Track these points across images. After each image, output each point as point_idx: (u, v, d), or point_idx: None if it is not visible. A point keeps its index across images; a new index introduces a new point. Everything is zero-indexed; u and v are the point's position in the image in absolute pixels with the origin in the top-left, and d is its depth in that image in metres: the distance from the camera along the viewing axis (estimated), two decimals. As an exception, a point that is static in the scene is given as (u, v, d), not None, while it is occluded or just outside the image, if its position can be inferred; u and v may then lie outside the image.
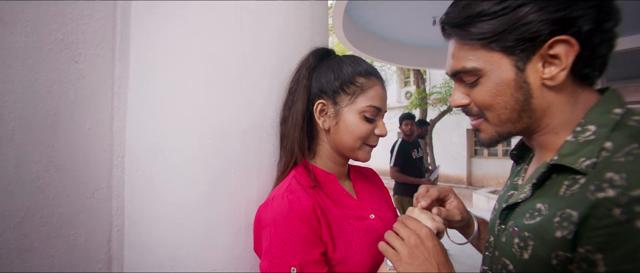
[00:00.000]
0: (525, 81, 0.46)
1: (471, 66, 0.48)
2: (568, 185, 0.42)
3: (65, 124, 0.61)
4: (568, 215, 0.40)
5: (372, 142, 0.69)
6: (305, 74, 0.70)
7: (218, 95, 0.70)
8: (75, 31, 0.62)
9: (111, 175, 0.70)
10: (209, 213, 0.69)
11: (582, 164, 0.41)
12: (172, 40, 0.70)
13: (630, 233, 0.34)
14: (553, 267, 0.41)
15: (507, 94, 0.47)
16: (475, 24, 0.46)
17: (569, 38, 0.42)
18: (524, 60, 0.45)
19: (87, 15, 0.64)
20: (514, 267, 0.46)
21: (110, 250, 0.70)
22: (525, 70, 0.45)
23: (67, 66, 0.62)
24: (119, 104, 0.71)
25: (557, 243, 0.40)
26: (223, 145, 0.70)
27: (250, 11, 0.72)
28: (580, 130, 0.45)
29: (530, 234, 0.44)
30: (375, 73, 0.70)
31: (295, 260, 0.56)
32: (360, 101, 0.67)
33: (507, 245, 0.48)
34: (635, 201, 0.34)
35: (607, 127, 0.42)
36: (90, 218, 0.66)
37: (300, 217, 0.59)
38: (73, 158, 0.63)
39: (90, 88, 0.66)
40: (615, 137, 0.41)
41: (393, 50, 4.99)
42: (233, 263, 0.70)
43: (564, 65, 0.43)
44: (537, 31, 0.43)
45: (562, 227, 0.40)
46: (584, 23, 0.42)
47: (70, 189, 0.62)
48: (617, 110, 0.43)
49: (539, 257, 0.42)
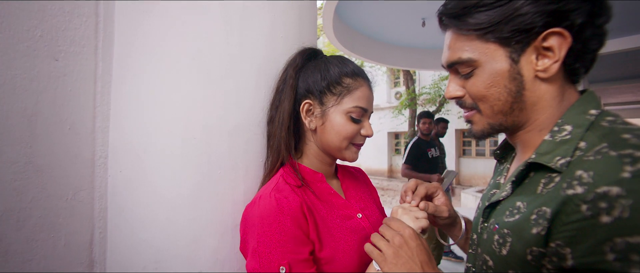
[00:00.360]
0: (519, 73, 0.47)
1: (467, 57, 0.49)
2: (545, 183, 0.44)
3: (44, 123, 0.59)
4: (543, 212, 0.41)
5: (359, 141, 0.70)
6: (292, 73, 0.70)
7: (204, 94, 0.69)
8: (55, 28, 0.60)
9: (93, 176, 0.68)
10: (195, 214, 0.68)
11: (557, 163, 0.43)
12: (156, 39, 0.69)
13: (595, 228, 0.35)
14: (528, 262, 0.42)
15: (501, 84, 0.48)
16: (472, 14, 0.47)
17: (562, 30, 0.43)
18: (518, 51, 0.46)
19: (67, 11, 0.62)
20: (493, 263, 0.48)
21: (92, 253, 0.68)
22: (519, 62, 0.46)
23: (47, 64, 0.60)
24: (102, 103, 0.70)
25: (533, 239, 0.41)
26: (209, 145, 0.69)
27: (237, 11, 0.72)
28: (557, 129, 0.46)
29: (508, 231, 0.45)
30: (361, 74, 0.70)
31: (284, 259, 0.56)
32: (347, 101, 0.67)
33: (488, 242, 0.50)
34: (600, 197, 0.35)
35: (582, 127, 0.44)
36: (71, 220, 0.64)
37: (288, 216, 0.59)
38: (53, 159, 0.61)
39: (71, 86, 0.64)
40: (588, 137, 0.43)
41: (383, 50, 5.02)
42: (219, 265, 0.70)
43: (557, 57, 0.44)
44: (531, 23, 0.43)
45: (537, 223, 0.41)
46: (577, 16, 0.43)
47: (49, 191, 0.60)
48: (593, 111, 0.45)
49: (515, 252, 0.44)
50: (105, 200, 0.71)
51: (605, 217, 0.35)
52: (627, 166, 0.36)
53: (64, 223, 0.62)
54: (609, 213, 0.34)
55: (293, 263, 0.56)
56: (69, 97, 0.64)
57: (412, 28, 4.28)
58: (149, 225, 0.68)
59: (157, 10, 0.69)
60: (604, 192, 0.35)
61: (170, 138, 0.68)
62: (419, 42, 4.91)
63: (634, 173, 0.35)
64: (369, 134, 0.69)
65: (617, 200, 0.34)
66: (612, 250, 0.34)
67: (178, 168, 0.68)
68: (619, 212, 0.34)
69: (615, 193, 0.35)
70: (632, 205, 0.33)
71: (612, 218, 0.34)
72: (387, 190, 9.97)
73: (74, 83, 0.64)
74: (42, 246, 0.59)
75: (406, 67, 5.60)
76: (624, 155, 0.37)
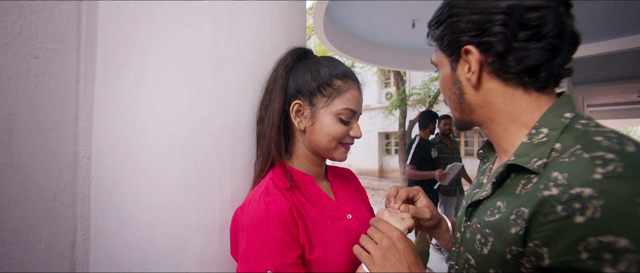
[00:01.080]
0: (457, 79, 0.54)
1: (434, 60, 0.60)
2: (524, 184, 0.46)
3: (23, 123, 0.58)
4: (521, 212, 0.42)
5: (348, 141, 0.70)
6: (282, 73, 0.70)
7: (190, 94, 0.68)
8: (34, 24, 0.59)
9: (76, 177, 0.67)
10: (181, 215, 0.67)
11: (534, 164, 0.45)
12: (142, 37, 0.67)
13: (569, 228, 0.37)
14: (507, 261, 0.44)
15: (448, 86, 0.56)
16: (432, 29, 0.57)
17: (471, 47, 0.50)
18: (455, 61, 0.54)
19: (48, 7, 0.61)
20: (475, 261, 0.49)
21: (74, 256, 0.66)
22: (456, 70, 0.54)
23: (26, 61, 0.58)
24: (85, 102, 0.68)
25: (512, 238, 0.43)
26: (195, 145, 0.68)
27: (224, 10, 0.71)
28: (535, 132, 0.48)
29: (490, 231, 0.47)
30: (351, 76, 0.71)
31: (272, 264, 0.56)
32: (336, 103, 0.67)
33: (471, 241, 0.52)
34: (573, 198, 0.37)
35: (557, 130, 0.46)
36: (52, 222, 0.62)
37: (277, 220, 0.59)
38: (32, 159, 0.59)
39: (51, 85, 0.62)
40: (563, 139, 0.45)
41: (373, 51, 5.05)
42: (206, 265, 0.69)
43: (473, 69, 0.51)
44: (455, 39, 0.52)
45: (516, 223, 0.43)
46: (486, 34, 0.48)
47: (28, 192, 0.58)
48: (567, 114, 0.47)
49: (496, 252, 0.45)
50: (88, 201, 0.69)
51: (579, 217, 0.36)
52: (599, 168, 0.37)
53: (44, 226, 0.61)
54: (582, 214, 0.36)
55: (281, 267, 0.56)
56: (50, 96, 0.62)
57: (402, 29, 4.32)
58: (134, 227, 0.67)
59: (142, 8, 0.67)
60: (577, 193, 0.37)
61: (156, 139, 0.67)
62: (409, 43, 4.95)
63: (605, 175, 0.36)
64: (357, 135, 0.70)
65: (589, 201, 0.36)
66: (585, 249, 0.35)
67: (164, 168, 0.67)
68: (591, 212, 0.35)
69: (588, 194, 0.36)
70: (603, 205, 0.35)
71: (585, 218, 0.36)
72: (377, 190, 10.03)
73: (54, 81, 0.63)
74: (20, 249, 0.57)
75: (396, 67, 5.65)
76: (596, 157, 0.39)
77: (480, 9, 0.48)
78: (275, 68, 0.73)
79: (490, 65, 0.50)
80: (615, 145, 0.39)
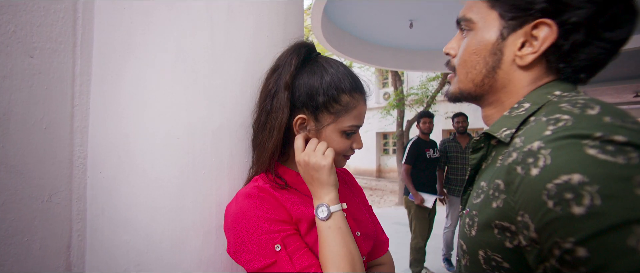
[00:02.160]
0: (501, 50, 0.47)
1: (469, 16, 0.50)
2: (501, 160, 0.44)
3: (17, 123, 0.57)
4: (497, 184, 0.41)
5: (349, 153, 0.69)
6: (288, 80, 0.64)
7: (186, 94, 0.68)
8: (29, 24, 0.58)
9: (71, 177, 0.66)
10: (178, 215, 0.67)
11: (503, 133, 0.45)
12: (138, 37, 0.67)
13: (528, 183, 0.36)
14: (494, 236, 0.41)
15: (482, 54, 0.49)
16: None
17: (551, 22, 0.42)
18: (509, 29, 0.46)
19: (43, 7, 0.60)
20: (466, 246, 0.47)
21: (69, 256, 0.66)
22: (506, 39, 0.47)
23: (21, 61, 0.57)
24: (81, 102, 0.68)
25: (493, 213, 0.41)
26: (192, 145, 0.68)
27: (221, 10, 0.71)
28: (517, 106, 0.47)
29: (476, 212, 0.45)
30: (360, 88, 0.67)
31: (276, 239, 0.57)
32: (343, 120, 0.65)
33: (463, 227, 0.50)
34: (526, 154, 0.37)
35: (537, 104, 0.44)
36: (47, 223, 0.61)
37: (266, 203, 0.60)
38: (27, 160, 0.58)
39: (47, 84, 0.62)
40: (539, 112, 0.43)
41: (371, 51, 5.06)
42: (203, 265, 0.69)
43: (536, 49, 0.44)
44: (531, 3, 0.43)
45: (495, 197, 0.41)
46: (573, 15, 0.42)
47: (23, 193, 0.58)
48: (557, 92, 0.45)
49: (482, 231, 0.43)
50: (84, 201, 0.68)
51: (534, 170, 0.36)
52: (550, 126, 0.37)
53: (39, 226, 0.60)
54: (535, 165, 0.35)
55: (285, 239, 0.57)
56: (45, 96, 0.62)
57: (400, 29, 4.32)
58: (131, 227, 0.66)
59: (139, 8, 0.67)
60: (528, 149, 0.37)
61: (152, 138, 0.67)
62: (407, 44, 4.96)
63: (554, 130, 0.36)
64: (359, 147, 0.69)
65: (539, 151, 0.36)
66: (548, 196, 0.34)
67: (161, 168, 0.67)
68: (542, 162, 0.35)
69: (536, 146, 0.36)
70: (551, 153, 0.35)
71: (539, 168, 0.35)
72: (375, 190, 10.03)
73: (50, 81, 0.62)
74: (15, 249, 0.56)
75: (394, 68, 5.66)
76: (551, 118, 0.38)
77: None
78: (278, 71, 0.67)
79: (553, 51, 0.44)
80: (575, 110, 0.38)
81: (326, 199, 0.61)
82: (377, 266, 0.76)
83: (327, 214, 0.59)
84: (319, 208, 0.60)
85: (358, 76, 0.69)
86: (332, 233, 0.58)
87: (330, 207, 0.60)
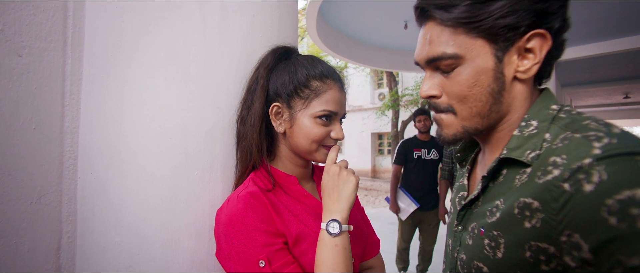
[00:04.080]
0: (502, 72, 0.45)
1: (452, 52, 0.45)
2: (519, 178, 0.44)
3: (6, 123, 0.56)
4: (525, 203, 0.41)
5: (329, 143, 0.69)
6: (263, 73, 0.68)
7: (180, 94, 0.68)
8: (18, 22, 0.57)
9: (61, 178, 0.65)
10: (171, 216, 0.67)
11: (528, 156, 0.43)
12: (130, 36, 0.66)
13: (583, 199, 0.35)
14: (526, 259, 0.40)
15: (485, 84, 0.46)
16: (463, 5, 0.44)
17: (545, 32, 0.43)
18: (503, 50, 0.45)
19: (32, 5, 0.59)
20: (488, 268, 0.45)
21: (59, 258, 0.65)
22: (502, 61, 0.45)
23: (9, 60, 0.56)
24: (71, 102, 0.67)
25: (528, 234, 0.40)
26: (185, 145, 0.68)
27: (214, 10, 0.70)
28: (525, 125, 0.47)
29: (498, 232, 0.44)
30: (331, 75, 0.69)
31: (261, 253, 0.56)
32: (315, 105, 0.65)
33: (477, 248, 0.47)
34: (576, 171, 0.36)
35: (546, 121, 0.45)
36: (36, 225, 0.61)
37: (256, 212, 0.59)
38: (15, 160, 0.57)
39: (36, 84, 0.61)
40: (552, 129, 0.44)
41: (366, 52, 5.07)
42: (196, 267, 0.68)
43: (538, 58, 0.44)
44: (519, 20, 0.43)
45: (525, 217, 0.40)
46: (556, 20, 0.44)
47: (11, 194, 0.57)
48: (554, 106, 0.47)
49: (511, 252, 0.42)
50: (75, 203, 0.68)
51: (587, 186, 0.35)
52: (595, 143, 0.37)
53: (28, 228, 0.59)
54: (589, 182, 0.35)
55: (270, 255, 0.57)
56: (34, 96, 0.61)
57: (395, 30, 4.34)
58: (122, 228, 0.65)
59: (131, 7, 0.66)
60: (578, 166, 0.36)
61: (145, 139, 0.66)
62: (401, 44, 4.99)
63: (602, 147, 0.36)
64: (339, 137, 0.68)
65: (592, 167, 0.35)
66: (609, 212, 0.33)
67: (153, 169, 0.66)
68: (597, 177, 0.35)
69: (588, 163, 0.36)
70: (606, 168, 0.35)
71: (593, 184, 0.35)
72: (370, 190, 10.06)
73: (39, 81, 0.61)
74: (3, 252, 0.55)
75: (389, 68, 5.68)
76: (589, 136, 0.39)
77: None
78: (257, 67, 0.71)
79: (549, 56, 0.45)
80: (602, 127, 0.39)
81: (339, 216, 0.60)
82: (368, 269, 0.76)
83: (338, 231, 0.59)
84: (330, 223, 0.60)
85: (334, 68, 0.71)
86: (337, 251, 0.58)
87: (343, 226, 0.60)
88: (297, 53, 0.75)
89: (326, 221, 0.60)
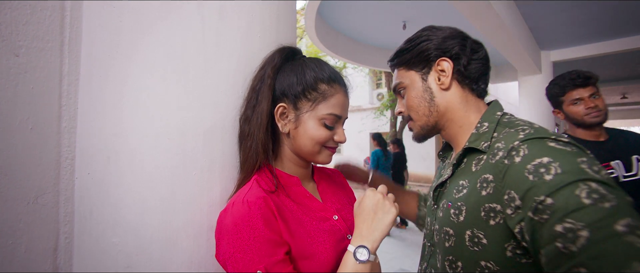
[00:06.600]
0: (428, 87, 0.72)
1: (401, 82, 0.76)
2: (476, 163, 0.64)
3: (2, 123, 0.56)
4: (484, 178, 0.59)
5: (332, 145, 0.69)
6: (270, 73, 0.69)
7: (178, 94, 0.67)
8: (14, 21, 0.57)
9: (59, 179, 0.65)
10: (169, 216, 0.66)
11: (482, 145, 0.64)
12: (128, 36, 0.66)
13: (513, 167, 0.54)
14: (481, 218, 0.58)
15: (420, 96, 0.72)
16: (401, 56, 0.75)
17: (446, 58, 0.70)
18: (426, 74, 0.72)
19: (29, 5, 0.59)
20: (453, 230, 0.63)
21: (56, 259, 0.64)
22: (427, 80, 0.72)
23: (6, 60, 0.56)
24: (68, 102, 0.66)
25: (482, 198, 0.58)
26: (183, 145, 0.67)
27: (213, 10, 0.70)
28: (480, 125, 0.68)
29: (462, 203, 0.62)
30: (338, 80, 0.70)
31: (260, 263, 0.56)
32: (321, 108, 0.66)
33: (445, 217, 0.66)
34: (509, 150, 0.56)
35: (493, 123, 0.67)
36: (33, 225, 0.60)
37: (261, 220, 0.58)
38: (11, 161, 0.57)
39: (33, 84, 0.60)
40: (498, 129, 0.65)
41: (365, 52, 5.08)
42: (195, 267, 0.68)
43: (448, 74, 0.70)
44: (429, 55, 0.71)
45: (483, 187, 0.59)
46: (453, 49, 0.69)
47: (7, 195, 0.56)
48: (498, 112, 0.69)
49: (471, 214, 0.60)
50: (72, 203, 0.67)
51: (517, 158, 0.54)
52: (521, 133, 0.59)
53: (24, 229, 0.59)
54: (518, 155, 0.54)
55: (269, 266, 0.56)
56: (31, 96, 0.60)
57: (393, 30, 4.35)
58: (120, 228, 0.65)
59: (129, 6, 0.66)
60: (511, 146, 0.56)
61: (142, 139, 0.66)
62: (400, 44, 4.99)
63: (525, 134, 0.57)
64: (341, 140, 0.69)
65: (519, 147, 0.55)
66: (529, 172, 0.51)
67: (151, 169, 0.66)
68: (522, 152, 0.54)
69: (516, 144, 0.56)
70: (527, 146, 0.54)
71: (520, 157, 0.54)
72: (369, 190, 10.03)
73: (36, 80, 0.61)
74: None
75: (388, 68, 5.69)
76: (518, 129, 0.60)
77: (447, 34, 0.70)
78: (263, 67, 0.71)
79: (456, 73, 0.70)
80: (527, 124, 0.61)
81: (370, 245, 0.60)
82: None
83: (366, 259, 0.59)
84: (359, 248, 0.60)
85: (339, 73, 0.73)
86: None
87: (371, 256, 0.59)
88: (302, 54, 0.75)
89: (356, 245, 0.60)
